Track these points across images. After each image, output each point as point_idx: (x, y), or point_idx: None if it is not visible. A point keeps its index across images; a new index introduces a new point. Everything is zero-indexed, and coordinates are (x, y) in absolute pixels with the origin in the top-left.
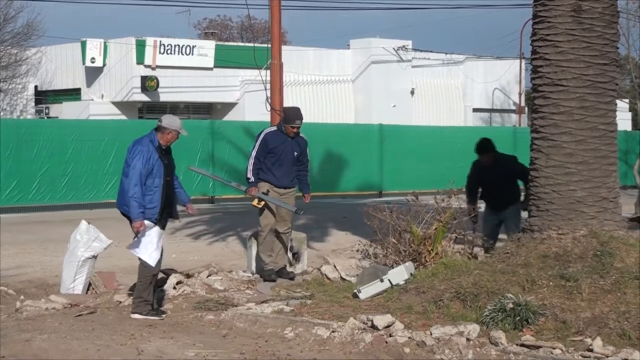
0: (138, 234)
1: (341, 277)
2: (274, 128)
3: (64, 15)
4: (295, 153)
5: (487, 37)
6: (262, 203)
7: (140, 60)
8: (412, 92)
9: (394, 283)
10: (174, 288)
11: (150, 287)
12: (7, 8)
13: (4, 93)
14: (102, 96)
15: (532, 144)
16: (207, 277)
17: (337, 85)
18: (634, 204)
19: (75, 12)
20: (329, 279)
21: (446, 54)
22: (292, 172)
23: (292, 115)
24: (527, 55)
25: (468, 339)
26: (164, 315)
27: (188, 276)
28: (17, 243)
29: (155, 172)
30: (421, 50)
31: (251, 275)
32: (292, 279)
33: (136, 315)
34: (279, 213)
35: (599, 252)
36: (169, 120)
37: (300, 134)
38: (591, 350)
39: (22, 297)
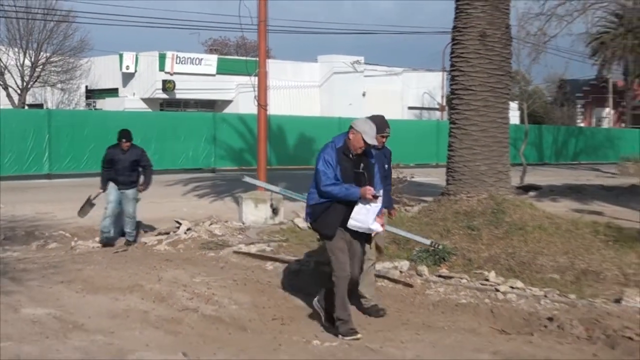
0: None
1: (309, 226)
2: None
3: (107, 34)
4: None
5: (419, 54)
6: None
7: (162, 68)
8: (364, 94)
9: None
10: (185, 233)
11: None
12: (67, 29)
13: (64, 91)
14: (134, 94)
15: (450, 132)
16: (210, 225)
17: (308, 89)
18: (519, 177)
19: (116, 32)
20: (299, 228)
21: (389, 66)
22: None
23: (381, 123)
24: (447, 68)
25: (401, 272)
26: (359, 336)
27: (196, 224)
28: (72, 200)
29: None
30: (371, 64)
31: (242, 224)
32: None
33: (340, 336)
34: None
35: (495, 210)
36: (358, 120)
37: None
38: (487, 280)
39: (75, 238)
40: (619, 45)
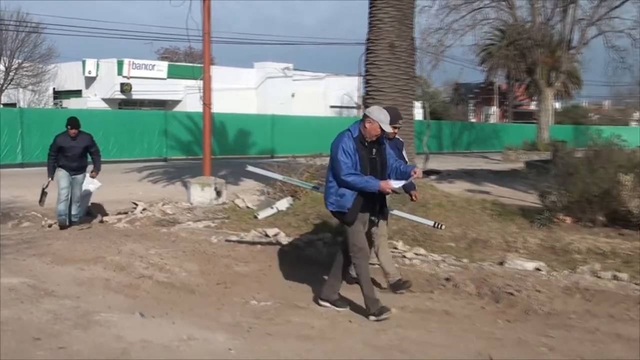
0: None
1: (247, 206)
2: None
3: (72, 43)
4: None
5: (339, 62)
6: None
7: (120, 72)
8: (293, 95)
9: (280, 209)
10: (141, 212)
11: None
12: (36, 38)
13: (34, 92)
14: (95, 95)
15: None
16: (162, 205)
17: (246, 91)
18: (423, 163)
19: (79, 41)
20: (239, 207)
21: (314, 72)
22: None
23: (394, 115)
24: (362, 73)
25: (325, 242)
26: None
27: (150, 205)
28: (41, 185)
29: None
30: (298, 70)
31: (190, 204)
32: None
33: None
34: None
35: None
36: (372, 109)
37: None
38: (396, 248)
39: (46, 218)
40: (502, 55)
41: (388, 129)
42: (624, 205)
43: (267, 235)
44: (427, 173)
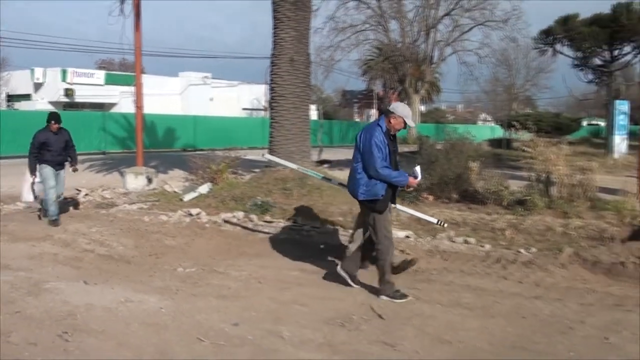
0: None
1: (174, 190)
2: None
3: (23, 54)
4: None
5: (249, 72)
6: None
7: (64, 79)
8: (211, 99)
9: (201, 193)
10: (84, 197)
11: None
12: None
13: None
14: (43, 98)
15: (270, 125)
16: (102, 191)
17: (172, 96)
18: (317, 154)
19: (29, 52)
20: (167, 192)
21: (229, 80)
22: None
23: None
24: (268, 82)
25: (238, 219)
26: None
27: (92, 191)
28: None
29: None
30: (216, 78)
31: (126, 190)
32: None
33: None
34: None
35: (301, 177)
36: (397, 106)
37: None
38: (296, 223)
39: (1, 202)
40: (380, 68)
41: (412, 123)
42: (472, 185)
43: (190, 214)
44: (321, 162)
